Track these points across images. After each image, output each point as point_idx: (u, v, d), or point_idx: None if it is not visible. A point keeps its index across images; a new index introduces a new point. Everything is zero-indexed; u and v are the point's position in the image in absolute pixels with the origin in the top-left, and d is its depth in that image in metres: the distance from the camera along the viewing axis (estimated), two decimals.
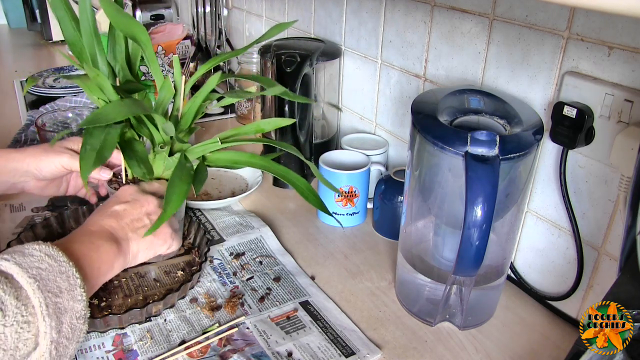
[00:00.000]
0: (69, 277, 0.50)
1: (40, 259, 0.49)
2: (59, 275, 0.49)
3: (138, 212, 0.65)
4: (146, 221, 0.65)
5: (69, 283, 0.49)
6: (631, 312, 0.45)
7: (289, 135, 0.97)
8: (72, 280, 0.50)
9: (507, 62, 0.72)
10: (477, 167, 0.55)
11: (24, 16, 2.09)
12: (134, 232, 0.63)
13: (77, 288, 0.50)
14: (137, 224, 0.64)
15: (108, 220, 0.62)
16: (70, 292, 0.49)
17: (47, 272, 0.48)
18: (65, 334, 0.48)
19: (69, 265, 0.50)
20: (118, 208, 0.64)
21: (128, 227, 0.63)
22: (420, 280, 0.70)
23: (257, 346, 0.65)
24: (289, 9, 1.26)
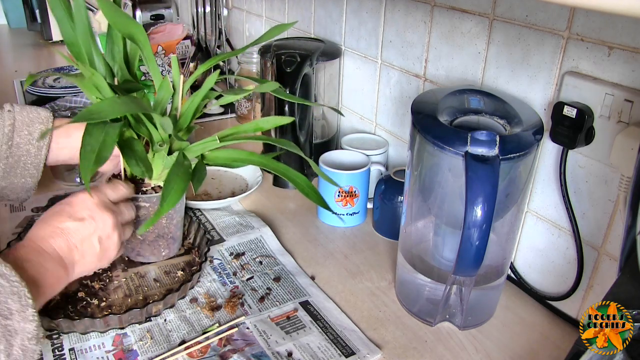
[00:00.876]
0: (21, 297, 0.48)
1: None
2: (10, 296, 0.47)
3: (89, 233, 0.61)
4: (96, 245, 0.61)
5: (21, 304, 0.48)
6: (631, 312, 0.45)
7: (289, 135, 0.97)
8: (23, 301, 0.48)
9: (507, 62, 0.72)
10: (477, 167, 0.55)
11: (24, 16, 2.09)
12: (81, 256, 0.60)
13: (29, 309, 0.48)
14: (86, 247, 0.60)
15: (58, 240, 0.58)
16: (22, 313, 0.48)
17: None
18: (16, 357, 0.46)
19: (22, 285, 0.49)
20: (70, 225, 0.59)
21: (76, 250, 0.60)
22: (420, 280, 0.70)
23: (257, 346, 0.65)
24: (289, 9, 1.26)
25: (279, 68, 0.94)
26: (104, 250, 0.62)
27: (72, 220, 0.60)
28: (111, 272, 0.75)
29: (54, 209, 0.62)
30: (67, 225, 0.60)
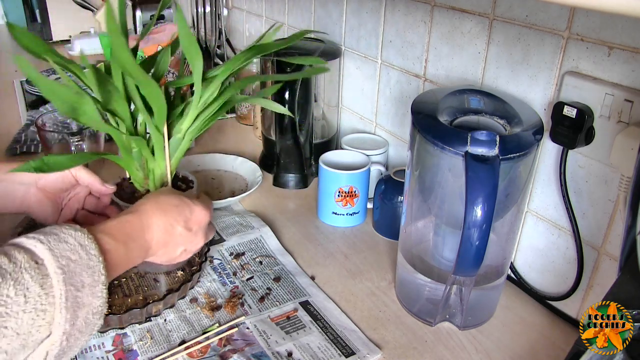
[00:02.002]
0: (94, 272, 0.49)
1: (73, 248, 0.48)
2: (86, 269, 0.48)
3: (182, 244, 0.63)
4: (176, 254, 0.63)
5: (93, 279, 0.49)
6: (631, 312, 0.45)
7: (289, 135, 0.97)
8: (96, 276, 0.49)
9: (507, 62, 0.72)
10: (477, 167, 0.55)
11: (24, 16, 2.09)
12: (161, 255, 0.61)
13: (100, 285, 0.50)
14: (170, 252, 0.62)
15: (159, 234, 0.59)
16: (92, 287, 0.49)
17: (75, 265, 0.48)
18: (79, 327, 0.48)
19: (98, 260, 0.50)
20: (179, 230, 0.61)
21: (164, 249, 0.61)
22: (420, 280, 0.70)
23: (257, 346, 0.65)
24: (289, 9, 1.26)
25: (279, 68, 0.94)
26: (176, 258, 0.64)
27: (184, 227, 0.62)
28: None
29: (177, 199, 0.63)
30: (178, 229, 0.61)
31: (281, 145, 1.00)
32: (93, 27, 1.86)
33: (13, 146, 1.12)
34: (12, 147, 1.12)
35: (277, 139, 1.00)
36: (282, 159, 1.03)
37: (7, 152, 1.10)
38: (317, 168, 0.92)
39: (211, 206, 0.68)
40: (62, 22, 1.97)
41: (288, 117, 0.95)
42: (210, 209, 0.67)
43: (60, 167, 0.63)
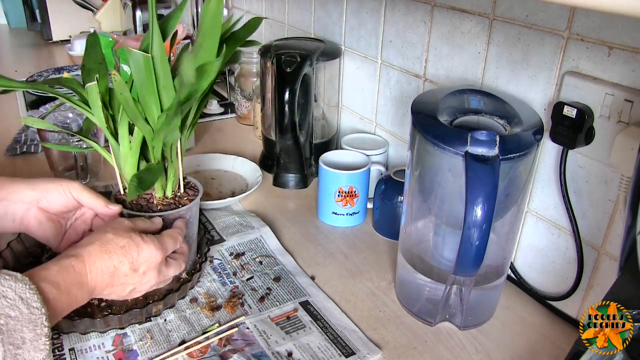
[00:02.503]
0: (37, 326, 0.47)
1: (13, 304, 0.46)
2: (26, 324, 0.47)
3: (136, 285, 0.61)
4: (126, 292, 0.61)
5: (35, 333, 0.47)
6: (631, 312, 0.45)
7: (289, 135, 0.97)
8: (39, 329, 0.47)
9: (507, 62, 0.72)
10: (477, 167, 0.55)
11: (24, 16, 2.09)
12: (109, 293, 0.60)
13: (42, 338, 0.48)
14: (118, 291, 0.61)
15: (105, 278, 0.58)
16: (34, 342, 0.47)
17: (15, 322, 0.46)
18: None
19: (41, 312, 0.48)
20: (124, 271, 0.59)
21: (110, 288, 0.59)
22: (420, 280, 0.70)
23: (257, 346, 0.65)
24: (289, 9, 1.26)
25: (279, 68, 0.94)
26: (126, 296, 0.62)
27: (130, 268, 0.59)
28: None
29: (125, 239, 0.60)
30: (123, 269, 0.59)
31: (281, 145, 1.00)
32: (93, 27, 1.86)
33: (13, 146, 1.12)
34: (12, 147, 1.12)
35: (277, 139, 1.00)
36: (282, 159, 1.03)
37: (7, 152, 1.10)
38: (317, 168, 0.92)
39: (167, 244, 0.64)
40: (62, 22, 1.97)
41: (288, 117, 0.95)
42: (164, 248, 0.63)
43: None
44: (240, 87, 1.30)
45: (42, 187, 0.65)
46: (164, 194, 0.71)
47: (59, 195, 0.66)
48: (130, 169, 0.68)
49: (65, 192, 0.66)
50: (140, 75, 0.60)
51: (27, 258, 0.76)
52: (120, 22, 1.89)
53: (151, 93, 0.62)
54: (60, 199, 0.66)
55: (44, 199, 0.65)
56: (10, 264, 0.73)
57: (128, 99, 0.61)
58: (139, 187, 0.63)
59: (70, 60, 1.75)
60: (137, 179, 0.63)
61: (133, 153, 0.67)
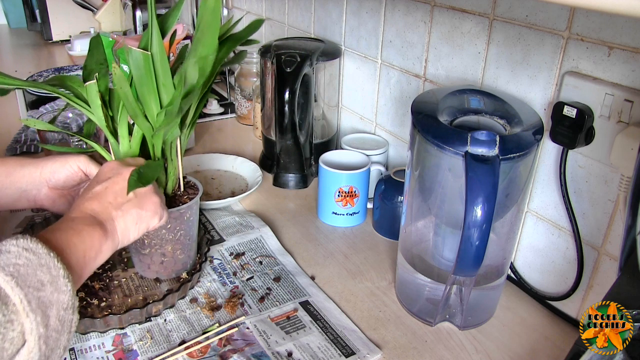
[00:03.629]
0: (51, 268, 0.47)
1: (18, 255, 0.46)
2: (39, 268, 0.47)
3: (120, 186, 0.60)
4: (130, 194, 0.61)
5: (51, 275, 0.47)
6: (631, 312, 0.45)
7: (289, 135, 0.97)
8: (54, 271, 0.47)
9: (507, 62, 0.72)
10: (477, 167, 0.55)
11: (24, 16, 2.09)
12: (117, 209, 0.59)
13: (61, 279, 0.47)
14: (120, 199, 0.60)
15: (89, 203, 0.58)
16: (54, 284, 0.47)
17: (25, 267, 0.46)
18: (54, 327, 0.46)
19: (50, 256, 0.48)
20: (98, 188, 0.60)
21: (111, 206, 0.59)
22: (420, 280, 0.70)
23: (257, 346, 0.65)
24: (289, 9, 1.26)
25: (279, 68, 0.94)
26: (141, 197, 0.62)
27: (99, 183, 0.60)
28: (111, 272, 0.75)
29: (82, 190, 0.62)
30: (96, 189, 0.60)
31: (281, 145, 1.00)
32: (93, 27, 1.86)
33: (13, 146, 1.12)
34: (12, 147, 1.12)
35: (277, 139, 1.00)
36: (282, 159, 1.03)
37: (7, 152, 1.10)
38: (317, 168, 0.92)
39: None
40: (62, 22, 1.97)
41: (288, 117, 0.95)
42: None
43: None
44: (240, 87, 1.30)
45: (49, 169, 0.69)
46: (164, 192, 0.71)
47: (66, 173, 0.69)
48: None
49: (72, 168, 0.70)
50: (140, 73, 0.60)
51: None
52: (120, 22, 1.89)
53: (151, 91, 0.62)
54: (68, 176, 0.70)
55: (53, 179, 0.69)
56: None
57: (128, 95, 0.61)
58: (139, 181, 0.63)
59: (70, 60, 1.75)
60: (137, 174, 0.63)
61: (133, 152, 0.67)
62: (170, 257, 0.72)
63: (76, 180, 0.71)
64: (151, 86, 0.62)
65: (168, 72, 0.62)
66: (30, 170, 0.69)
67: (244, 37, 0.71)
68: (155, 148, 0.67)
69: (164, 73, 0.62)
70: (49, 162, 0.70)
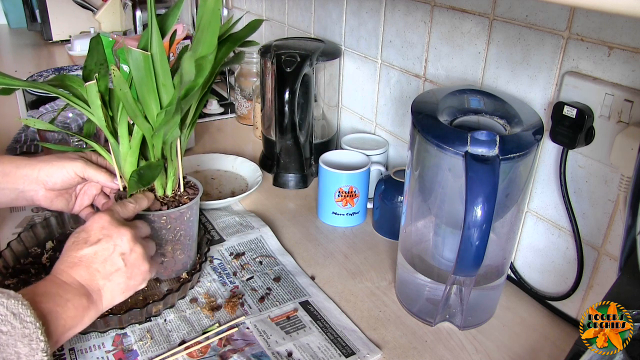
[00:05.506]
0: (32, 340, 0.46)
1: (4, 319, 0.45)
2: (20, 339, 0.46)
3: (110, 253, 0.58)
4: (120, 263, 0.58)
5: (31, 347, 0.46)
6: (631, 312, 0.45)
7: (289, 135, 0.97)
8: (34, 344, 0.46)
9: (507, 62, 0.72)
10: (477, 167, 0.55)
11: (24, 16, 2.09)
12: (105, 279, 0.57)
13: (39, 352, 0.46)
14: (110, 268, 0.58)
15: (77, 269, 0.56)
16: (30, 357, 0.46)
17: (7, 337, 0.45)
18: None
19: (35, 327, 0.47)
20: (87, 252, 0.57)
21: (99, 275, 0.57)
22: (420, 280, 0.70)
23: (257, 346, 0.65)
24: (289, 9, 1.26)
25: (279, 68, 0.94)
26: (130, 266, 0.59)
27: (89, 245, 0.58)
28: None
29: (70, 239, 0.59)
30: (85, 252, 0.57)
31: (281, 145, 1.00)
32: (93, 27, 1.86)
33: (13, 146, 1.12)
34: (12, 147, 1.12)
35: (277, 139, 1.00)
36: (282, 159, 1.03)
37: (7, 152, 1.10)
38: (317, 168, 0.92)
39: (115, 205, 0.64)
40: (62, 22, 1.97)
41: (288, 117, 0.95)
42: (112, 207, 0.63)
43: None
44: (240, 87, 1.30)
45: (45, 171, 0.70)
46: (164, 193, 0.71)
47: (63, 177, 0.70)
48: (130, 168, 0.68)
49: (69, 173, 0.70)
50: (140, 73, 0.60)
51: (27, 258, 0.76)
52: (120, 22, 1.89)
53: (151, 91, 0.62)
54: (65, 180, 0.70)
55: (50, 182, 0.70)
56: (10, 264, 0.73)
57: (127, 96, 0.61)
58: (139, 183, 0.63)
59: (70, 60, 1.75)
60: (137, 175, 0.64)
61: (133, 152, 0.67)
62: (170, 257, 0.72)
63: (73, 183, 0.72)
64: (151, 86, 0.62)
65: (168, 72, 0.62)
66: (27, 171, 0.69)
67: (243, 37, 0.71)
68: (155, 148, 0.67)
69: (163, 73, 0.62)
70: (45, 165, 0.69)
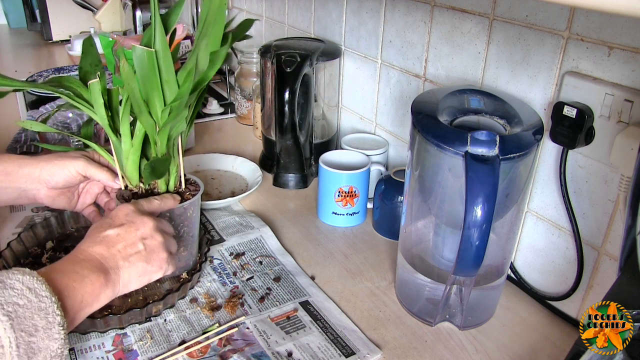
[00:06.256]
0: (48, 314, 0.47)
1: (20, 293, 0.46)
2: (37, 312, 0.46)
3: (132, 236, 0.60)
4: (140, 247, 0.60)
5: (47, 321, 0.47)
6: (631, 312, 0.45)
7: (289, 135, 0.97)
8: (51, 317, 0.47)
9: (507, 62, 0.72)
10: (477, 167, 0.55)
11: (24, 16, 2.09)
12: (125, 259, 0.58)
13: (56, 326, 0.47)
14: (130, 250, 0.59)
15: (98, 247, 0.57)
16: (47, 330, 0.47)
17: (24, 309, 0.45)
18: None
19: (51, 301, 0.47)
20: (110, 233, 0.59)
21: (119, 255, 0.58)
22: (420, 280, 0.70)
23: (257, 346, 0.65)
24: (289, 9, 1.26)
25: (279, 68, 0.94)
26: (150, 251, 0.61)
27: (112, 228, 0.59)
28: None
29: (94, 225, 0.61)
30: (107, 233, 0.59)
31: (281, 145, 1.00)
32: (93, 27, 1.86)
33: (13, 146, 1.12)
34: (12, 147, 1.12)
35: (277, 139, 1.00)
36: (282, 159, 1.03)
37: (7, 152, 1.10)
38: (317, 168, 0.92)
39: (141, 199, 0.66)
40: (62, 22, 1.98)
41: (288, 117, 0.95)
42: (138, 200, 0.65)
43: None
44: (240, 87, 1.30)
45: (48, 170, 0.70)
46: (167, 190, 0.71)
47: (65, 176, 0.70)
48: (132, 166, 0.68)
49: (71, 172, 0.70)
50: (144, 70, 0.60)
51: (27, 258, 0.76)
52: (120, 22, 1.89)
53: (155, 88, 0.62)
54: (67, 179, 0.71)
55: (52, 181, 0.70)
56: (11, 264, 0.73)
57: (135, 91, 0.61)
58: (153, 175, 0.65)
59: (70, 60, 1.75)
60: (151, 167, 0.65)
61: (135, 150, 0.67)
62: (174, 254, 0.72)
63: (75, 182, 0.72)
64: (155, 83, 0.62)
65: (172, 68, 0.62)
66: (29, 170, 0.70)
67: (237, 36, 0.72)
68: (160, 145, 0.67)
69: (167, 70, 0.62)
70: (47, 164, 0.70)
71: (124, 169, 0.69)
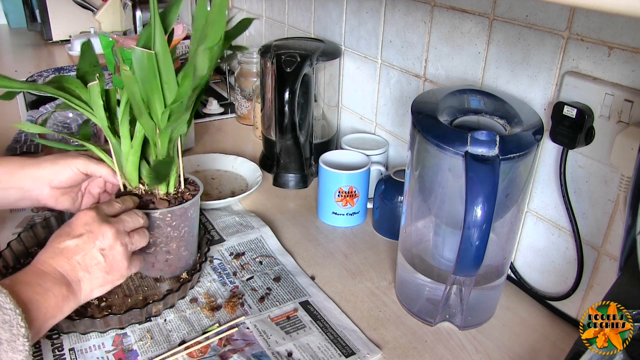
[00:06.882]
0: (12, 326, 0.47)
1: None
2: (1, 325, 0.46)
3: (90, 247, 0.59)
4: (100, 258, 0.60)
5: (12, 333, 0.47)
6: (631, 312, 0.45)
7: (289, 135, 0.97)
8: (15, 330, 0.47)
9: (507, 62, 0.72)
10: (477, 167, 0.55)
11: (24, 16, 2.09)
12: (85, 271, 0.59)
13: (20, 338, 0.47)
14: (89, 262, 0.59)
15: (59, 259, 0.58)
16: (11, 343, 0.47)
17: None
18: None
19: (15, 313, 0.47)
20: (69, 243, 0.59)
21: (79, 267, 0.59)
22: (420, 280, 0.70)
23: (257, 346, 0.65)
24: (289, 9, 1.26)
25: (279, 68, 0.94)
26: (110, 262, 0.61)
27: (71, 238, 0.59)
28: None
29: (55, 233, 0.61)
30: (66, 244, 0.59)
31: (281, 145, 1.00)
32: (93, 27, 1.86)
33: (13, 146, 1.12)
34: (12, 147, 1.12)
35: (277, 139, 1.00)
36: (282, 159, 1.03)
37: (7, 152, 1.10)
38: (317, 168, 0.92)
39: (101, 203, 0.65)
40: (62, 22, 1.98)
41: (288, 117, 0.95)
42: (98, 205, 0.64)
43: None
44: (240, 87, 1.30)
45: (49, 170, 0.70)
46: (167, 191, 0.71)
47: (67, 175, 0.71)
48: (131, 167, 0.68)
49: (72, 170, 0.71)
50: (144, 72, 0.60)
51: (27, 258, 0.76)
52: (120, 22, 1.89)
53: (155, 89, 0.62)
54: (69, 178, 0.71)
55: (54, 180, 0.70)
56: (11, 264, 0.73)
57: (136, 94, 0.61)
58: (157, 179, 0.66)
59: (70, 61, 1.75)
60: (155, 172, 0.65)
61: (134, 151, 0.67)
62: (175, 254, 0.72)
63: (78, 180, 0.72)
64: (155, 85, 0.62)
65: (172, 70, 0.62)
66: (32, 171, 0.70)
67: (234, 35, 0.72)
68: (161, 146, 0.67)
69: (167, 71, 0.62)
70: (49, 164, 0.70)
71: (124, 170, 0.69)
